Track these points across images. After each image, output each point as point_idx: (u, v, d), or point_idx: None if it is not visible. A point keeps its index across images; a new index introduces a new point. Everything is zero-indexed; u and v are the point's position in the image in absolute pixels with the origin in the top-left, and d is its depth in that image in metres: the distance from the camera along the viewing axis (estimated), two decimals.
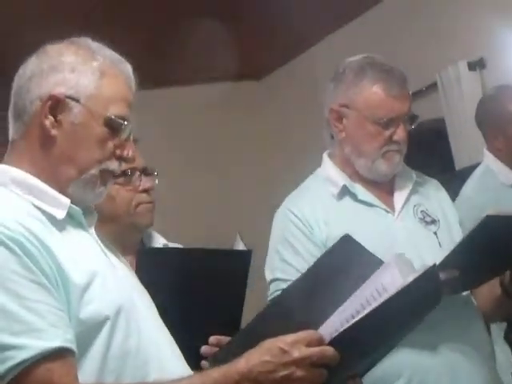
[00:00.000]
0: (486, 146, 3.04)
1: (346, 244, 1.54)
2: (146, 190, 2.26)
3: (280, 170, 5.56)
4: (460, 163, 4.41)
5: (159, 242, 2.39)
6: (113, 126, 1.51)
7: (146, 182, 2.27)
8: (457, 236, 2.23)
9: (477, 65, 4.41)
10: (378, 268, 1.49)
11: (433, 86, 4.54)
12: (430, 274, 1.47)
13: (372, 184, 2.25)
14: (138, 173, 2.26)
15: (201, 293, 1.92)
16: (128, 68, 1.57)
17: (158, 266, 1.92)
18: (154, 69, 4.52)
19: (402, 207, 2.25)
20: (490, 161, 2.98)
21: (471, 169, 3.13)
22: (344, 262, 1.51)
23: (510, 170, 2.93)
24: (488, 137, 3.03)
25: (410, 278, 1.41)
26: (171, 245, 2.40)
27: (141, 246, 2.36)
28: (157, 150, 2.74)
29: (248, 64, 5.50)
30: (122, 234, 2.22)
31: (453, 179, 3.04)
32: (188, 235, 2.07)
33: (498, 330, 2.73)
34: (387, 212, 2.23)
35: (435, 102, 4.46)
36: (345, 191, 2.23)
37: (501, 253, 2.09)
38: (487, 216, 2.00)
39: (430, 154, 2.46)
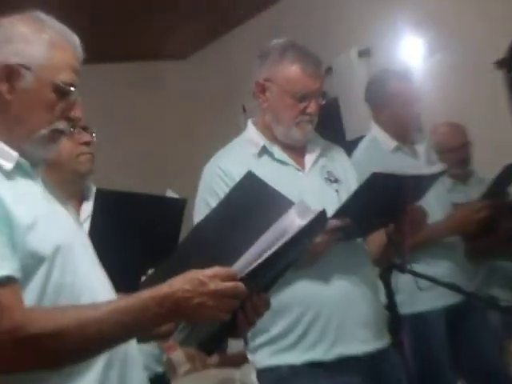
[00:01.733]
0: (373, 119, 3.21)
1: (250, 180, 1.57)
2: (86, 143, 2.40)
3: (203, 137, 5.76)
4: (350, 135, 4.68)
5: None
6: (61, 92, 1.56)
7: (85, 136, 2.40)
8: None
9: (365, 53, 4.68)
10: (280, 201, 1.55)
11: (329, 70, 4.72)
12: (321, 215, 1.57)
13: (287, 147, 2.41)
14: (78, 128, 2.34)
15: (141, 235, 1.98)
16: (75, 39, 1.61)
17: (113, 207, 2.01)
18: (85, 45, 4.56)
19: (311, 167, 2.42)
20: (375, 131, 3.17)
21: (359, 139, 3.28)
22: (249, 198, 1.54)
23: (392, 138, 3.12)
24: (374, 111, 3.20)
25: (305, 221, 1.50)
26: None
27: (82, 196, 2.45)
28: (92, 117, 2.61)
29: (173, 43, 5.51)
30: (66, 181, 2.31)
31: (344, 148, 3.26)
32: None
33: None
34: (298, 170, 2.40)
35: (330, 84, 4.60)
36: (264, 151, 2.40)
37: (386, 207, 2.27)
38: (374, 173, 2.18)
39: (325, 128, 2.63)
